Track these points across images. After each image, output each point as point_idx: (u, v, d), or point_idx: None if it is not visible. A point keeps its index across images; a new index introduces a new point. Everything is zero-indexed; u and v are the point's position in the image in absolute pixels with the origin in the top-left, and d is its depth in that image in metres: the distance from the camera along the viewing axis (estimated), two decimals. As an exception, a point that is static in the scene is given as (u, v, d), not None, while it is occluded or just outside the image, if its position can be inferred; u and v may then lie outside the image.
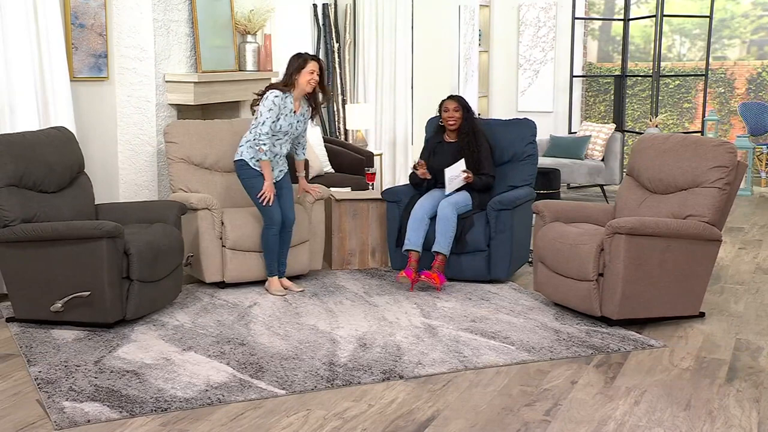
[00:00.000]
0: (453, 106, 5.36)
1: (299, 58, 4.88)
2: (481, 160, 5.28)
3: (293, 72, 4.87)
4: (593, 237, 4.37)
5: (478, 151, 5.27)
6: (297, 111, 4.94)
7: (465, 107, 5.35)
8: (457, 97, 5.41)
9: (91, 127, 5.50)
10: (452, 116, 5.36)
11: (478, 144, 5.29)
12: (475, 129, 5.33)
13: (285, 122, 4.89)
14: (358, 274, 5.51)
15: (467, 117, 5.33)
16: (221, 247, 5.01)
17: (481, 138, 5.33)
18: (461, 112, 5.33)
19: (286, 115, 4.89)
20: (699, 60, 11.30)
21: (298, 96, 4.93)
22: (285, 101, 4.86)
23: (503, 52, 10.48)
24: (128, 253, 4.18)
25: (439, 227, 5.10)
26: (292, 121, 4.94)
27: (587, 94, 11.16)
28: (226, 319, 4.48)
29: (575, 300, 4.46)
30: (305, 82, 4.87)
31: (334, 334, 4.24)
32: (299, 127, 5.00)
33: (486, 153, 5.30)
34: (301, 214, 5.17)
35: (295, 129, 4.98)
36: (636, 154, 4.88)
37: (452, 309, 4.70)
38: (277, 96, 4.82)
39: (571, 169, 8.37)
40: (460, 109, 5.34)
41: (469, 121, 5.33)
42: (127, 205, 4.90)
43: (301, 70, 4.86)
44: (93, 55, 5.43)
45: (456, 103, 5.36)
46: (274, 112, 4.81)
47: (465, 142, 5.31)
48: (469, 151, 5.29)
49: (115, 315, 4.18)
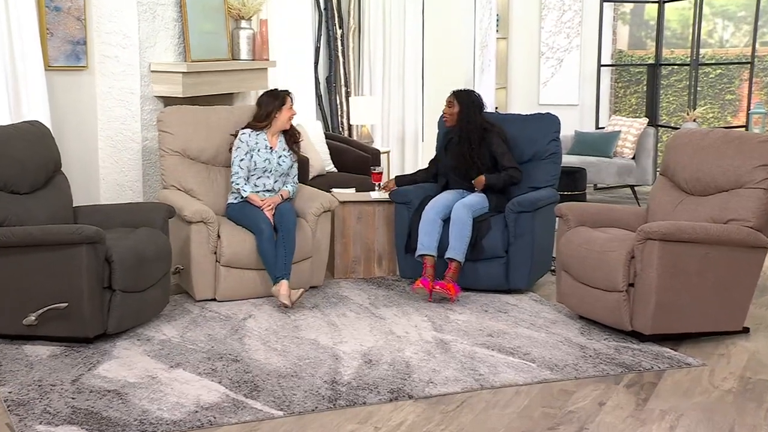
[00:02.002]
0: (448, 100, 5.39)
1: (276, 97, 5.26)
2: (495, 157, 5.29)
3: (273, 110, 5.22)
4: (623, 243, 4.37)
5: (470, 149, 5.28)
6: (275, 147, 5.23)
7: (463, 102, 5.33)
8: (457, 91, 5.42)
9: (68, 121, 5.52)
10: (445, 111, 5.40)
11: (471, 140, 5.28)
12: (472, 126, 5.31)
13: (259, 158, 5.19)
14: (363, 283, 5.52)
15: (465, 112, 5.31)
16: (215, 263, 5.02)
17: (488, 136, 5.31)
18: (457, 108, 5.34)
19: (259, 151, 5.20)
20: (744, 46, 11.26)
21: (275, 132, 5.29)
22: (257, 138, 5.24)
23: (523, 39, 10.49)
24: (110, 260, 4.19)
25: (453, 231, 5.11)
26: (269, 157, 5.20)
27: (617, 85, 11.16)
28: (218, 332, 4.49)
29: (603, 313, 4.46)
30: (285, 120, 5.27)
31: (336, 349, 4.24)
32: (282, 163, 5.25)
33: (500, 148, 5.31)
34: (304, 229, 5.17)
35: (276, 165, 5.22)
36: (671, 152, 4.88)
37: (467, 322, 4.71)
38: (244, 133, 5.24)
39: (599, 168, 8.36)
40: (455, 104, 5.35)
41: (466, 117, 5.31)
42: (108, 208, 4.92)
43: (281, 107, 5.23)
44: (70, 41, 5.46)
45: (451, 97, 5.38)
46: (242, 150, 5.19)
47: (458, 139, 5.33)
48: (460, 149, 5.30)
49: (95, 329, 4.19)
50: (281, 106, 5.24)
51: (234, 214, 5.18)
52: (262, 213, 5.06)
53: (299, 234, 5.10)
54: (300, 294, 4.86)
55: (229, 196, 5.30)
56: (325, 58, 8.32)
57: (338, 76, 8.31)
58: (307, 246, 5.18)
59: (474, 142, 5.32)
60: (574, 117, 10.09)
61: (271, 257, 4.93)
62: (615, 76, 10.88)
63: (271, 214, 5.08)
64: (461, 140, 5.34)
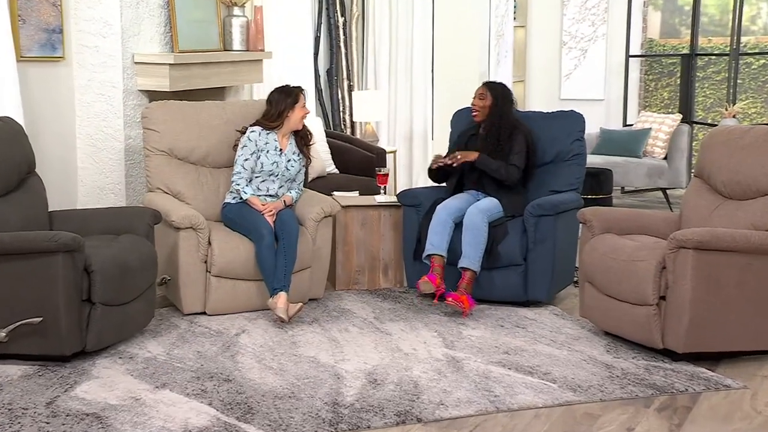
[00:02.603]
0: (479, 92, 5.41)
1: (289, 94, 5.26)
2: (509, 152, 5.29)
3: (285, 109, 5.22)
4: (653, 252, 4.37)
5: (498, 146, 5.28)
6: (285, 149, 5.24)
7: (496, 95, 5.37)
8: (489, 83, 5.48)
9: (43, 117, 5.54)
10: (475, 103, 5.41)
11: (500, 137, 5.29)
12: (504, 121, 5.32)
13: (267, 160, 5.20)
14: (368, 295, 5.52)
15: (499, 106, 5.34)
16: (205, 273, 5.02)
17: (516, 134, 5.32)
18: (489, 101, 5.36)
19: (268, 152, 5.21)
20: (792, 33, 11.23)
21: (286, 132, 5.27)
22: (267, 137, 5.25)
23: (543, 28, 10.50)
24: (89, 270, 4.20)
25: (467, 237, 5.11)
26: (278, 160, 5.21)
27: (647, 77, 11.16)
28: (209, 349, 4.49)
29: (631, 328, 4.45)
30: (298, 119, 5.29)
31: (338, 368, 4.24)
32: (290, 167, 5.27)
33: (518, 146, 5.31)
34: (304, 236, 5.16)
35: (283, 170, 5.24)
36: (707, 151, 4.87)
37: (481, 338, 4.70)
38: (253, 131, 5.24)
39: (627, 169, 8.36)
40: (486, 96, 5.38)
41: (499, 111, 5.34)
42: (88, 213, 4.93)
43: (294, 105, 5.24)
44: (45, 29, 5.47)
45: (483, 89, 5.41)
46: (248, 150, 5.20)
47: (485, 134, 5.34)
48: (485, 145, 5.30)
49: (72, 346, 4.19)
50: (294, 105, 5.25)
51: (231, 216, 5.18)
52: (263, 217, 5.07)
53: (298, 243, 5.09)
54: (298, 309, 4.86)
55: (227, 195, 5.30)
56: (325, 49, 8.33)
57: (340, 69, 8.32)
58: (307, 255, 5.18)
59: (503, 139, 5.33)
60: (600, 113, 10.09)
61: (270, 266, 4.93)
62: (645, 67, 10.88)
63: (272, 220, 5.08)
64: (489, 136, 5.34)
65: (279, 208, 5.15)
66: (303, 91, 5.31)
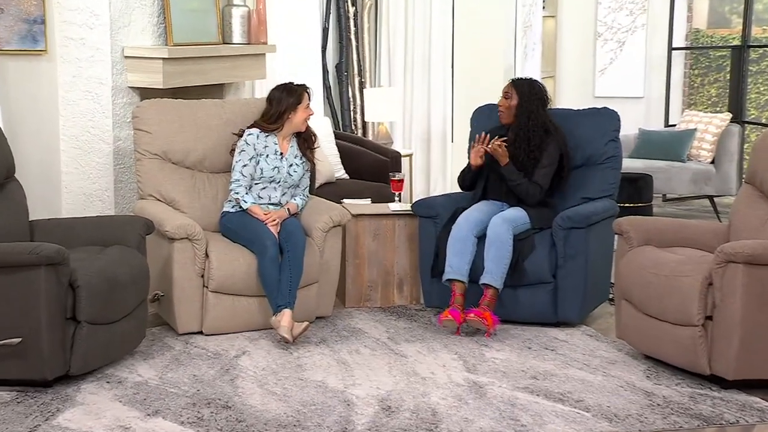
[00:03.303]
0: (505, 90, 5.40)
1: (292, 93, 5.26)
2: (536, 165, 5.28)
3: (287, 110, 5.23)
4: (698, 266, 4.36)
5: (528, 152, 5.27)
6: (286, 153, 5.25)
7: (524, 93, 5.33)
8: (516, 80, 5.45)
9: (23, 117, 5.57)
10: (501, 103, 5.40)
11: (530, 142, 5.27)
12: (534, 123, 5.30)
13: (268, 165, 5.22)
14: (381, 313, 5.54)
15: (526, 107, 5.32)
16: (202, 288, 5.04)
17: (548, 141, 5.30)
18: (516, 100, 5.34)
19: (268, 157, 5.23)
20: None
21: (287, 135, 5.29)
22: (265, 140, 5.27)
23: (576, 18, 10.50)
24: (74, 285, 4.21)
25: (490, 251, 5.12)
26: (279, 165, 5.23)
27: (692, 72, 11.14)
28: (206, 373, 4.51)
29: (674, 352, 4.44)
30: (301, 121, 5.30)
31: (348, 393, 4.25)
32: (293, 172, 5.28)
33: (548, 158, 5.28)
34: (310, 248, 5.18)
35: (285, 175, 5.25)
36: (760, 155, 4.86)
37: (506, 361, 4.71)
38: (251, 134, 5.26)
39: (669, 174, 8.35)
40: (513, 96, 5.35)
41: (527, 112, 5.31)
42: (72, 222, 4.95)
43: (296, 106, 5.24)
44: (25, 20, 5.50)
45: (509, 87, 5.39)
46: (247, 155, 5.22)
47: (514, 138, 5.33)
48: (513, 150, 5.29)
49: (54, 369, 4.20)
50: (297, 105, 5.25)
51: (231, 227, 5.20)
52: (266, 228, 5.09)
53: (304, 255, 5.11)
54: (304, 328, 4.87)
55: (226, 204, 5.33)
56: (334, 42, 8.36)
57: (350, 64, 8.35)
58: (314, 268, 5.19)
59: (534, 144, 5.30)
60: (639, 112, 10.08)
61: (273, 282, 4.95)
62: (690, 61, 10.86)
63: (276, 230, 5.10)
64: (518, 140, 5.32)
65: (283, 217, 5.17)
66: (308, 90, 5.33)
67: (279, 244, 5.04)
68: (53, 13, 5.64)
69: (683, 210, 9.04)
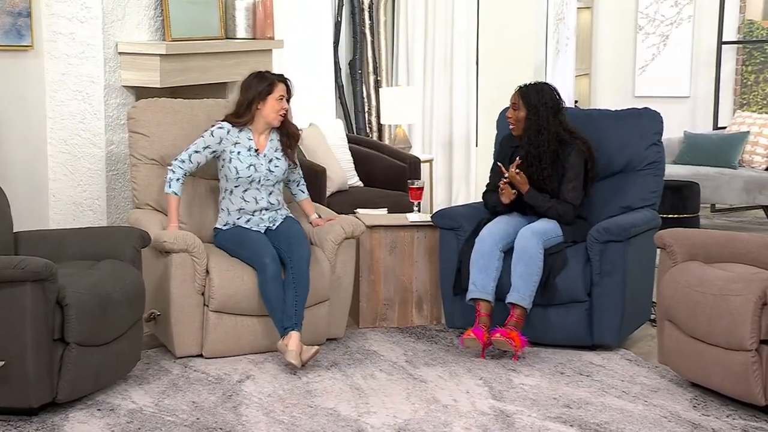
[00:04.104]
0: (513, 101, 5.37)
1: (262, 81, 5.21)
2: (560, 179, 5.27)
3: (254, 99, 5.21)
4: (751, 284, 4.35)
5: (540, 170, 5.26)
6: (263, 149, 5.25)
7: (531, 104, 5.27)
8: (523, 88, 5.38)
9: (7, 119, 5.60)
10: (510, 115, 5.39)
11: (541, 159, 5.26)
12: (544, 138, 5.27)
13: (242, 164, 5.21)
14: (398, 334, 5.55)
15: (534, 119, 5.28)
16: (202, 307, 5.06)
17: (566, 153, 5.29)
18: (523, 111, 5.32)
19: (240, 154, 5.21)
20: None
21: (261, 130, 5.28)
22: (237, 136, 5.26)
23: (614, 9, 10.50)
24: (62, 303, 4.22)
25: (518, 267, 5.13)
26: (255, 163, 5.22)
27: (745, 69, 11.09)
28: (206, 399, 4.53)
29: (724, 379, 4.43)
30: (272, 114, 5.22)
31: (362, 422, 4.26)
32: (274, 168, 5.28)
33: (572, 171, 5.28)
34: (320, 262, 5.22)
35: (266, 173, 5.25)
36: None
37: (536, 387, 4.71)
38: (221, 128, 5.26)
39: (718, 182, 8.33)
40: (520, 106, 5.33)
41: (536, 125, 5.28)
42: (61, 234, 4.97)
43: (266, 96, 5.20)
44: (10, 12, 5.53)
45: (516, 97, 5.35)
46: (203, 142, 5.22)
47: (525, 153, 5.32)
48: (526, 168, 5.28)
49: (41, 395, 4.20)
50: (267, 95, 5.21)
51: (226, 245, 5.23)
52: (264, 242, 5.12)
53: (314, 269, 5.14)
54: (314, 353, 4.88)
55: (218, 220, 5.35)
56: (347, 37, 8.39)
57: (365, 61, 8.38)
58: (324, 285, 5.22)
59: (545, 161, 5.28)
60: (684, 113, 10.06)
61: (278, 301, 4.96)
62: (742, 57, 10.80)
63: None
64: (529, 156, 5.31)
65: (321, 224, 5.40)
66: (286, 81, 5.28)
67: (280, 257, 5.07)
68: (40, 5, 5.68)
69: (734, 222, 9.01)
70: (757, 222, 8.92)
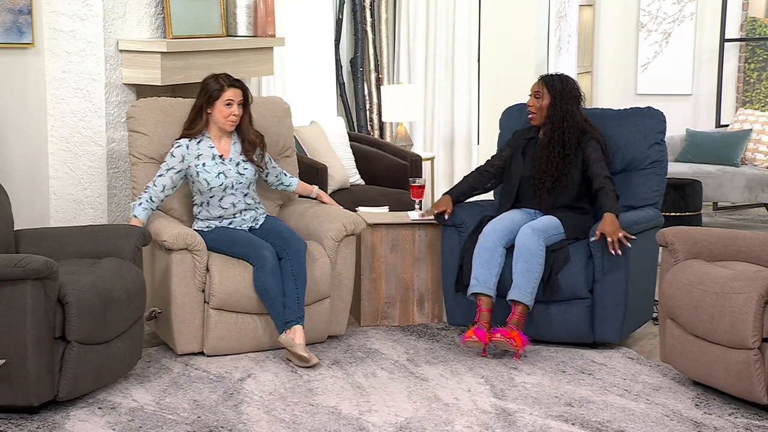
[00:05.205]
0: (535, 89, 5.41)
1: (213, 84, 5.18)
2: (587, 164, 5.30)
3: (203, 105, 5.18)
4: (753, 283, 4.35)
5: (563, 156, 5.28)
6: (227, 154, 5.23)
7: (556, 92, 5.35)
8: (547, 77, 5.45)
9: (7, 116, 5.60)
10: (531, 104, 5.41)
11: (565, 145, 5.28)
12: (569, 124, 5.31)
13: (210, 174, 5.18)
14: (399, 332, 5.55)
15: (559, 106, 5.33)
16: (203, 304, 5.07)
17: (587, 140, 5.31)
18: (547, 99, 5.35)
19: (206, 165, 5.19)
20: None
21: (219, 135, 5.26)
22: (198, 148, 5.23)
23: (616, 7, 10.49)
24: (63, 301, 4.23)
25: (518, 264, 5.13)
26: (223, 169, 5.20)
27: (748, 66, 11.08)
28: (207, 398, 4.53)
29: (726, 377, 4.43)
30: (221, 119, 5.19)
31: (363, 420, 4.27)
32: (243, 171, 5.25)
33: (595, 153, 5.30)
34: (320, 260, 5.22)
35: (236, 176, 5.22)
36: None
37: (537, 386, 4.72)
38: (179, 146, 5.22)
39: (720, 180, 8.32)
40: (544, 95, 5.37)
41: (561, 112, 5.32)
42: (62, 232, 4.97)
43: (214, 101, 5.17)
44: (10, 10, 5.53)
45: (539, 85, 5.40)
46: (166, 165, 5.17)
47: (548, 140, 5.35)
48: (548, 154, 5.32)
49: (41, 394, 4.21)
50: (214, 101, 5.17)
51: (214, 245, 5.15)
52: (257, 237, 5.11)
53: (314, 267, 5.14)
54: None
55: (194, 224, 5.29)
56: (349, 34, 8.39)
57: (366, 58, 8.37)
58: (324, 282, 5.22)
59: (569, 147, 5.32)
60: (686, 111, 10.05)
61: (278, 295, 4.97)
62: (745, 54, 10.79)
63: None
64: (551, 143, 5.34)
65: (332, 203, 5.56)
66: (237, 84, 5.19)
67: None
68: (41, 2, 5.68)
69: (736, 220, 9.01)
70: (759, 220, 8.92)
